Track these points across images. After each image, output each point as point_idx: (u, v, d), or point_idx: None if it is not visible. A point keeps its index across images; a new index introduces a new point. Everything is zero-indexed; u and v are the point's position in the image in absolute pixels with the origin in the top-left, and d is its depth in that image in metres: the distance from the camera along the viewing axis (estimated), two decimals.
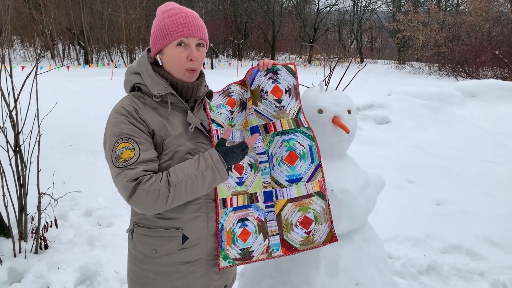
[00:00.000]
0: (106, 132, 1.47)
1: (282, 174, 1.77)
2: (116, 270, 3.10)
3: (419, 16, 25.74)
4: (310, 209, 1.79)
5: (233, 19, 35.02)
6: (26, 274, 3.03)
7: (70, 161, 5.29)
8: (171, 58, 1.51)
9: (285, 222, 1.78)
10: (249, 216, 1.72)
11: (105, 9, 26.04)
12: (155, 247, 1.54)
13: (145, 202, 1.37)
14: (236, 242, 1.67)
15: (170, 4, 1.56)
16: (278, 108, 1.78)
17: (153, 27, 1.55)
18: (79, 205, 4.24)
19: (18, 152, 3.22)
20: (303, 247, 1.79)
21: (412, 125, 8.18)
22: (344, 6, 37.18)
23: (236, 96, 1.78)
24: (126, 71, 1.61)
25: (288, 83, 1.81)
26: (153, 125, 1.47)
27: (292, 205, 1.78)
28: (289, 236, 1.78)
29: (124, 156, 1.39)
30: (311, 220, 1.79)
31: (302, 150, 1.78)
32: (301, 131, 1.79)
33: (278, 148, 1.78)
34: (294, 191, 1.77)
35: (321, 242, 1.81)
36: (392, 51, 40.90)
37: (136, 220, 1.58)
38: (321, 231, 1.81)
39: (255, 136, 1.63)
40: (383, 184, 2.25)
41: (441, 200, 4.79)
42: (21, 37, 27.84)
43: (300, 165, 1.78)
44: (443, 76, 22.55)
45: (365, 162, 2.22)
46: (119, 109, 1.46)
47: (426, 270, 3.24)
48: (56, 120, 3.66)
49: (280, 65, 1.81)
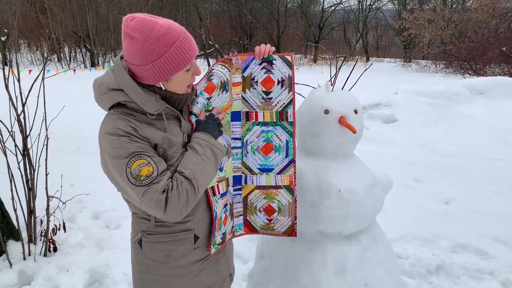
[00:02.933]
0: (106, 156, 1.40)
1: (255, 162, 1.88)
2: (125, 272, 3.11)
3: (425, 14, 25.59)
4: (275, 200, 1.90)
5: (238, 20, 35.04)
6: (35, 277, 3.06)
7: (77, 163, 5.32)
8: (181, 83, 1.49)
9: (250, 205, 1.91)
10: (227, 201, 1.81)
11: (110, 12, 26.15)
12: (168, 251, 1.55)
13: (180, 206, 1.39)
14: (221, 227, 1.74)
15: (156, 24, 1.38)
16: (264, 100, 1.83)
17: (151, 56, 1.38)
18: (87, 208, 4.26)
19: (26, 156, 3.24)
20: (263, 230, 1.95)
21: (419, 123, 8.14)
22: (349, 5, 37.16)
23: (216, 80, 1.73)
24: (99, 87, 1.47)
25: (283, 74, 1.81)
26: (154, 140, 1.44)
27: (259, 192, 1.90)
28: (251, 218, 1.93)
29: (143, 173, 1.35)
30: (274, 210, 1.91)
31: (278, 143, 1.86)
32: (282, 125, 1.85)
33: (256, 137, 1.86)
34: (263, 179, 1.88)
35: (280, 232, 1.94)
36: (398, 49, 40.73)
37: (144, 229, 1.55)
38: (283, 223, 1.93)
39: (222, 112, 1.73)
40: (391, 184, 2.24)
41: (449, 199, 4.76)
42: (28, 41, 28.06)
43: (274, 157, 1.87)
44: (450, 73, 22.40)
45: (372, 161, 2.21)
46: (115, 131, 1.38)
47: (435, 269, 3.21)
48: (63, 123, 3.69)
49: (277, 55, 1.81)
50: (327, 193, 1.95)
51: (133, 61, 1.40)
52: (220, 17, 38.10)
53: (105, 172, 1.47)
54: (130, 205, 1.57)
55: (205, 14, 30.65)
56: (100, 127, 1.44)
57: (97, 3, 27.42)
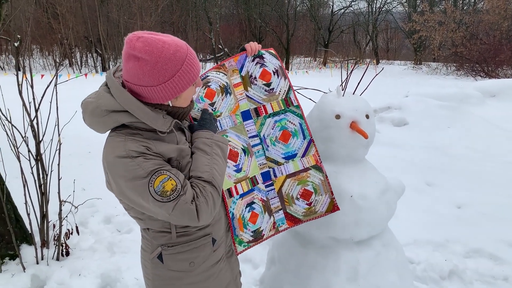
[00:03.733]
0: (120, 180, 1.36)
1: (278, 153, 1.90)
2: (136, 276, 3.12)
3: (435, 16, 25.40)
4: (309, 182, 1.92)
5: (247, 24, 35.11)
6: (48, 281, 3.08)
7: (89, 168, 5.36)
8: (187, 98, 1.49)
9: (286, 196, 1.92)
10: (254, 199, 1.83)
11: (121, 17, 26.36)
12: (191, 260, 1.56)
13: (210, 210, 1.41)
14: (247, 226, 1.78)
15: (164, 43, 1.35)
16: (268, 92, 1.89)
17: (164, 76, 1.35)
18: (99, 212, 4.29)
19: (39, 161, 3.28)
20: (307, 217, 1.94)
21: (430, 126, 8.06)
22: (358, 8, 37.07)
23: (214, 86, 1.81)
24: (93, 110, 1.41)
25: (274, 65, 1.90)
26: (168, 154, 1.42)
27: (291, 180, 1.91)
28: (291, 209, 1.93)
29: (168, 188, 1.34)
30: (311, 192, 1.92)
31: (293, 128, 1.90)
32: (291, 110, 1.91)
33: (271, 129, 1.89)
34: (291, 166, 1.91)
35: (323, 211, 1.94)
36: (408, 51, 40.46)
37: (163, 242, 1.54)
38: (322, 202, 1.93)
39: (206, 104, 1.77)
40: (403, 189, 2.22)
41: (462, 203, 4.70)
42: (40, 46, 28.39)
43: (294, 142, 1.91)
44: (461, 76, 22.18)
45: (383, 164, 2.20)
46: (128, 153, 1.34)
47: (448, 275, 3.18)
48: (74, 127, 3.71)
49: (263, 50, 1.91)
50: (338, 198, 1.94)
51: (141, 82, 1.35)
52: (230, 21, 38.21)
53: (117, 194, 1.44)
54: (142, 222, 1.55)
55: (215, 18, 30.76)
56: (105, 152, 1.40)
57: (108, 8, 27.66)
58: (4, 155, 3.28)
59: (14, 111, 3.27)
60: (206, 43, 33.31)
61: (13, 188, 3.44)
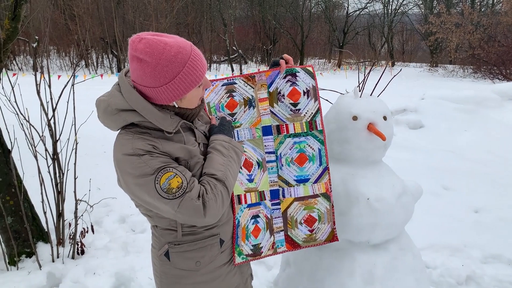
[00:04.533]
0: (127, 177, 1.39)
1: (291, 174, 1.88)
2: (150, 276, 3.13)
3: (452, 18, 25.08)
4: (315, 209, 1.90)
5: (261, 25, 35.13)
6: (64, 279, 3.11)
7: (104, 167, 5.40)
8: (193, 99, 1.48)
9: (290, 219, 1.90)
10: (260, 213, 1.82)
11: (136, 18, 26.62)
12: (198, 259, 1.56)
13: (217, 208, 1.42)
14: (249, 238, 1.76)
15: (165, 44, 1.34)
16: (293, 112, 1.85)
17: (165, 78, 1.35)
18: (114, 211, 4.33)
19: (56, 160, 3.31)
20: (306, 243, 1.92)
21: (446, 129, 7.96)
22: (374, 9, 36.80)
23: (238, 97, 1.80)
24: (105, 108, 1.44)
25: (307, 85, 1.84)
26: (175, 154, 1.43)
27: (298, 204, 1.89)
28: (293, 233, 1.91)
29: (174, 185, 1.35)
30: (315, 219, 1.91)
31: (312, 152, 1.87)
32: (313, 134, 1.86)
33: (289, 149, 1.87)
34: (301, 190, 1.88)
35: (322, 240, 1.93)
36: (424, 53, 40.04)
37: (170, 240, 1.56)
38: (324, 230, 1.93)
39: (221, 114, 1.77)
40: (421, 192, 2.19)
41: (479, 207, 4.62)
42: (57, 47, 28.81)
43: (309, 167, 1.88)
44: (479, 78, 21.86)
45: (398, 168, 2.17)
46: (135, 151, 1.36)
47: (466, 280, 3.12)
48: (90, 127, 3.75)
49: (299, 67, 1.84)
50: (355, 201, 1.92)
51: (145, 83, 1.37)
52: (244, 23, 38.29)
53: (126, 191, 1.46)
54: (151, 219, 1.57)
55: (229, 19, 30.83)
56: (114, 149, 1.43)
57: (124, 10, 27.97)
58: (22, 154, 3.32)
59: (31, 110, 3.31)
60: (221, 45, 33.42)
61: (30, 186, 3.48)
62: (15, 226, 3.27)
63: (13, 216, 3.25)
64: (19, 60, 26.51)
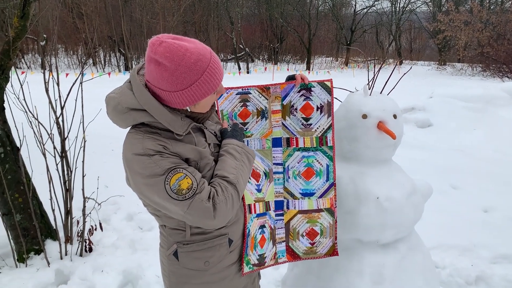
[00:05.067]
0: (137, 177, 1.38)
1: (296, 187, 1.91)
2: (157, 274, 3.14)
3: (461, 16, 24.85)
4: (318, 223, 1.93)
5: (268, 23, 35.08)
6: (72, 276, 3.12)
7: (112, 165, 5.40)
8: (207, 105, 1.48)
9: (292, 230, 1.93)
10: (265, 223, 1.84)
11: (144, 17, 26.67)
12: (206, 259, 1.56)
13: (227, 211, 1.41)
14: (256, 247, 1.78)
15: (186, 50, 1.32)
16: (304, 126, 1.87)
17: (182, 84, 1.33)
18: (121, 209, 4.34)
19: (64, 158, 3.32)
20: (306, 256, 1.96)
21: (455, 128, 7.90)
22: (382, 7, 36.55)
23: (251, 107, 1.82)
24: (115, 106, 1.43)
25: (322, 101, 1.85)
26: (185, 155, 1.43)
27: (301, 216, 1.92)
28: (294, 244, 1.95)
29: (184, 186, 1.34)
30: (317, 233, 1.94)
31: (319, 168, 1.90)
32: (322, 150, 1.89)
33: (297, 163, 1.89)
34: (305, 204, 1.91)
35: (322, 254, 1.97)
36: (432, 52, 39.76)
37: (179, 240, 1.55)
38: (324, 244, 1.96)
39: None
40: (431, 192, 2.17)
41: (489, 207, 4.58)
42: (65, 46, 28.97)
43: (315, 181, 1.91)
44: (488, 77, 21.66)
45: (406, 167, 2.15)
46: (145, 151, 1.36)
47: (475, 280, 3.09)
48: (98, 125, 3.76)
49: (316, 82, 1.85)
50: (364, 200, 1.91)
51: (160, 86, 1.36)
52: (251, 21, 38.24)
53: (134, 190, 1.45)
54: (159, 219, 1.57)
55: (236, 18, 30.79)
56: (124, 148, 1.42)
57: (131, 8, 28.05)
58: (31, 152, 3.34)
59: (40, 108, 3.33)
60: (227, 43, 33.41)
61: (39, 184, 3.50)
62: (24, 223, 3.28)
63: (22, 214, 3.27)
64: (28, 58, 26.69)
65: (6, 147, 3.17)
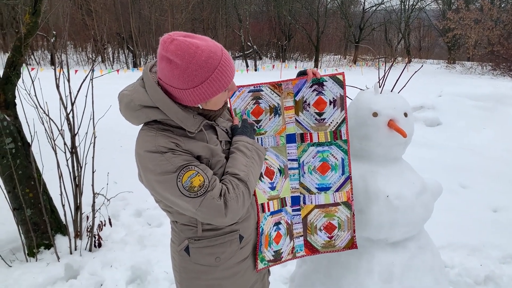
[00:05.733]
0: (149, 174, 1.39)
1: (312, 182, 1.89)
2: (166, 270, 3.16)
3: (471, 14, 24.60)
4: (335, 217, 1.92)
5: (276, 21, 35.02)
6: (81, 271, 3.15)
7: (121, 161, 5.45)
8: (219, 102, 1.47)
9: (310, 225, 1.93)
10: (281, 220, 1.84)
11: (152, 14, 26.76)
12: (217, 255, 1.56)
13: (238, 208, 1.42)
14: (271, 244, 1.79)
15: (197, 48, 1.32)
16: (318, 121, 1.85)
17: (193, 82, 1.34)
18: (130, 205, 4.36)
19: (74, 154, 3.35)
20: (325, 249, 1.95)
21: (464, 127, 7.84)
22: (391, 5, 36.30)
23: (264, 104, 1.81)
24: (128, 103, 1.44)
25: (334, 95, 1.83)
26: (197, 152, 1.43)
27: (318, 211, 1.91)
28: (312, 238, 1.94)
29: (196, 183, 1.35)
30: (335, 227, 1.93)
31: (334, 162, 1.88)
32: (337, 144, 1.87)
33: (312, 158, 1.87)
34: (322, 198, 1.90)
35: (341, 247, 1.95)
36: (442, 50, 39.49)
37: (190, 236, 1.56)
38: (343, 238, 1.95)
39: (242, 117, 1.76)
40: (441, 190, 2.16)
41: (498, 207, 4.55)
42: (74, 42, 29.13)
43: (331, 176, 1.89)
44: (498, 75, 21.45)
45: (415, 165, 2.14)
46: (158, 148, 1.36)
47: (484, 280, 3.07)
48: (107, 121, 3.79)
49: (327, 76, 1.83)
50: (374, 198, 1.90)
51: (172, 83, 1.36)
52: (259, 18, 38.20)
53: (147, 186, 1.46)
54: (171, 215, 1.58)
55: (245, 15, 30.77)
56: (137, 145, 1.43)
57: (140, 5, 28.15)
58: (41, 147, 3.36)
59: (50, 105, 3.35)
60: (236, 40, 33.41)
61: (49, 179, 3.53)
62: (34, 218, 3.32)
63: (32, 208, 3.30)
64: (37, 55, 26.88)
65: (18, 142, 3.20)
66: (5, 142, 3.10)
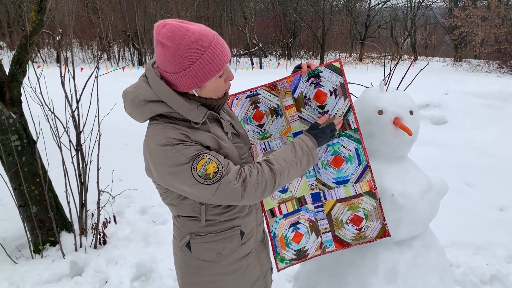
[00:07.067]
0: (161, 167, 1.39)
1: (329, 177, 1.85)
2: (170, 267, 3.16)
3: (478, 11, 24.40)
4: (360, 208, 1.86)
5: (282, 18, 34.91)
6: (86, 268, 3.16)
7: (126, 159, 5.47)
8: (215, 89, 1.46)
9: (335, 220, 1.89)
10: (300, 219, 1.81)
11: (158, 11, 26.75)
12: (219, 250, 1.56)
13: (255, 196, 1.43)
14: (290, 245, 1.78)
15: (187, 30, 1.33)
16: (321, 114, 1.79)
17: (183, 63, 1.34)
18: (135, 202, 4.38)
19: (79, 151, 3.36)
20: (356, 241, 1.90)
21: (471, 125, 7.80)
22: (397, 3, 36.07)
23: (263, 108, 1.79)
24: (133, 100, 1.44)
25: (333, 84, 1.76)
26: (206, 142, 1.43)
27: (341, 205, 1.87)
28: (340, 233, 1.90)
29: (210, 170, 1.36)
30: (362, 218, 1.87)
31: (348, 153, 1.82)
32: (347, 134, 1.81)
33: (323, 153, 1.83)
34: (342, 192, 1.85)
35: (373, 237, 1.90)
36: (448, 48, 39.23)
37: (193, 231, 1.56)
38: (373, 228, 1.89)
39: (340, 118, 1.72)
40: (446, 189, 2.14)
41: (504, 206, 4.52)
42: (80, 40, 29.21)
43: (347, 168, 1.83)
44: (505, 73, 21.27)
45: (421, 164, 2.12)
46: (168, 141, 1.36)
47: (490, 280, 3.05)
48: (112, 119, 3.79)
49: (323, 66, 1.75)
50: (380, 196, 1.89)
51: (166, 68, 1.38)
52: (265, 16, 38.11)
53: (157, 180, 1.46)
54: (175, 208, 1.57)
55: (250, 13, 30.68)
56: (146, 140, 1.43)
57: (145, 3, 28.15)
58: (47, 145, 3.38)
59: (56, 102, 3.36)
60: (241, 38, 33.35)
61: (54, 176, 3.54)
62: (40, 215, 3.33)
63: (37, 206, 3.32)
64: (43, 52, 26.98)
65: (23, 140, 3.21)
66: (11, 139, 3.11)
